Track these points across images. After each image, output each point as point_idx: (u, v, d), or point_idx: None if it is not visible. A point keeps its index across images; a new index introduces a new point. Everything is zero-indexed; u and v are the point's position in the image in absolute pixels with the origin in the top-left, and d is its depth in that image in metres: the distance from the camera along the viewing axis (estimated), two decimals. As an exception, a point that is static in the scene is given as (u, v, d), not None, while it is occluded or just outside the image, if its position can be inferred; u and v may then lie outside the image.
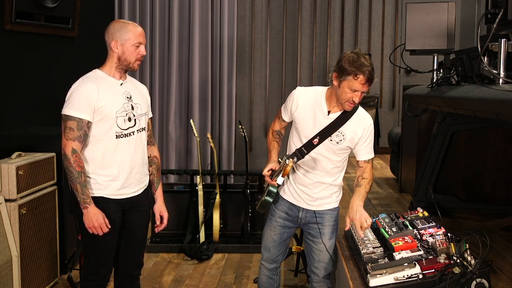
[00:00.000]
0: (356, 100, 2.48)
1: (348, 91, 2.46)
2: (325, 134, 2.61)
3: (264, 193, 2.74)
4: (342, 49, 6.38)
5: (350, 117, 2.62)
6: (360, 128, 2.62)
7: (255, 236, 4.62)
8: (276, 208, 2.81)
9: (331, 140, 2.63)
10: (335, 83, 2.53)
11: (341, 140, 2.62)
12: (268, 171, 2.64)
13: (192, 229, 4.65)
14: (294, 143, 2.72)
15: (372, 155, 2.70)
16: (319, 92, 2.67)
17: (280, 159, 2.69)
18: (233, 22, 5.68)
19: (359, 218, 2.52)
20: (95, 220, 2.48)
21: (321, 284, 2.78)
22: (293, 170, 2.72)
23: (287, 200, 2.79)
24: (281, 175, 2.49)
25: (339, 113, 2.61)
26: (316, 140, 2.62)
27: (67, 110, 2.48)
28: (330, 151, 2.65)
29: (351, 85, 2.44)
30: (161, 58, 5.67)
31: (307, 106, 2.66)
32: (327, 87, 2.68)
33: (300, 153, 2.66)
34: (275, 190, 2.71)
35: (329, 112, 2.61)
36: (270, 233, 2.83)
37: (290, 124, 2.81)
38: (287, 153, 2.75)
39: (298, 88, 2.72)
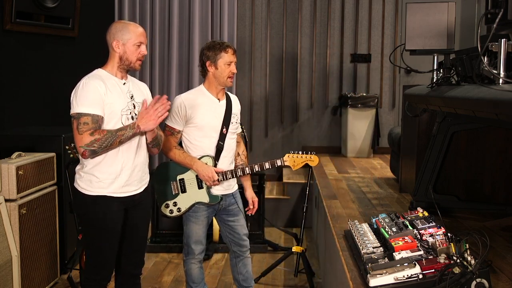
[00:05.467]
0: (234, 70, 2.93)
1: (226, 67, 2.90)
2: (226, 121, 2.98)
3: (210, 194, 3.00)
4: (342, 49, 6.37)
5: (231, 98, 3.07)
6: (238, 105, 3.14)
7: (255, 236, 4.62)
8: (199, 204, 3.00)
9: (232, 123, 3.01)
10: (211, 69, 2.91)
11: (237, 120, 3.06)
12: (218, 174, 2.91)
13: (192, 229, 4.64)
14: (203, 141, 2.95)
15: None
16: (198, 90, 3.01)
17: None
18: (233, 22, 5.68)
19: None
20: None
21: (248, 252, 3.18)
22: (216, 165, 2.98)
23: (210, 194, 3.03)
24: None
25: (224, 99, 3.02)
26: (224, 129, 2.97)
27: (78, 108, 2.45)
28: (233, 133, 3.05)
29: (226, 59, 2.89)
30: (161, 58, 5.67)
31: (198, 104, 2.93)
32: (201, 84, 3.03)
33: (221, 147, 2.97)
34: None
35: (219, 100, 2.99)
36: (199, 227, 3.03)
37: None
38: (202, 155, 2.95)
39: (176, 97, 2.99)
